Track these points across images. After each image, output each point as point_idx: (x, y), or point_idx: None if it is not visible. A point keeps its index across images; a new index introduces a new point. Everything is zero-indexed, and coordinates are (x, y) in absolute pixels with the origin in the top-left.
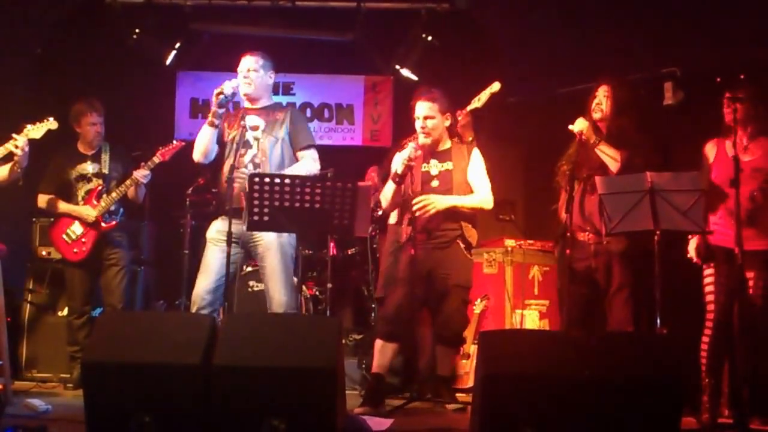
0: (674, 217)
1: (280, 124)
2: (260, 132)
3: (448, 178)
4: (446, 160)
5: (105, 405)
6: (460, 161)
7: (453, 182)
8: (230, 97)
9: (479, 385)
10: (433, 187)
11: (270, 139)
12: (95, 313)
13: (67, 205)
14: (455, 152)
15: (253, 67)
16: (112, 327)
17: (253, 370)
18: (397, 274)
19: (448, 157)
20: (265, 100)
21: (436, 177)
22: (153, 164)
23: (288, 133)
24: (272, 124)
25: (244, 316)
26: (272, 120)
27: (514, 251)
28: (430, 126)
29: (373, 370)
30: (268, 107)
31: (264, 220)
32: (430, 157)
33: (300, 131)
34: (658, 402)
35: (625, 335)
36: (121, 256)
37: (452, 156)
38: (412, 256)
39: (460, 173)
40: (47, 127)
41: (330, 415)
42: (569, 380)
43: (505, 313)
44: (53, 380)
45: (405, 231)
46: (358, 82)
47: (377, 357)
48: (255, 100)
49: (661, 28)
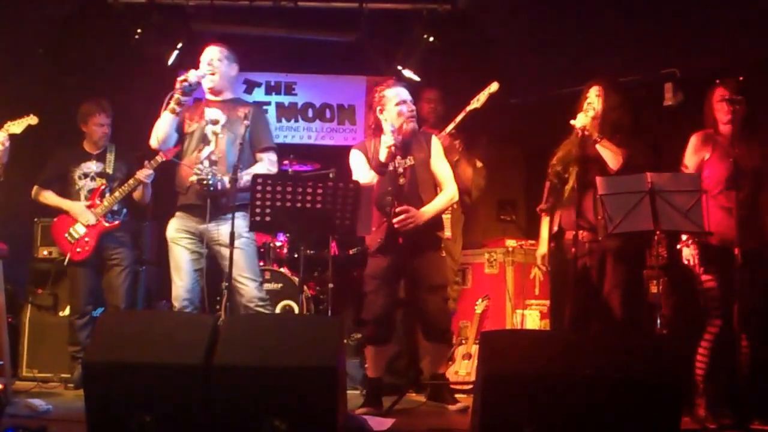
0: (674, 218)
1: (241, 121)
2: (219, 127)
3: (412, 175)
4: (408, 155)
5: (106, 405)
6: (420, 155)
7: (418, 180)
8: (195, 85)
9: (480, 384)
10: (400, 184)
11: (229, 135)
12: (96, 313)
13: (61, 200)
14: (415, 147)
15: (217, 57)
16: (114, 327)
17: (255, 370)
18: (376, 275)
19: (409, 151)
20: (228, 93)
21: (402, 175)
22: (156, 163)
23: (249, 133)
24: (233, 121)
25: (246, 317)
26: (233, 116)
27: (515, 251)
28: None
29: (370, 375)
30: (229, 101)
31: (265, 220)
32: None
33: (261, 131)
34: (659, 402)
35: (625, 335)
36: (124, 256)
37: (413, 151)
38: (388, 261)
39: (423, 167)
40: (27, 122)
41: (331, 415)
42: (570, 380)
43: (506, 313)
44: (54, 380)
45: (377, 235)
46: (359, 83)
47: (371, 362)
48: (218, 93)
49: (661, 29)
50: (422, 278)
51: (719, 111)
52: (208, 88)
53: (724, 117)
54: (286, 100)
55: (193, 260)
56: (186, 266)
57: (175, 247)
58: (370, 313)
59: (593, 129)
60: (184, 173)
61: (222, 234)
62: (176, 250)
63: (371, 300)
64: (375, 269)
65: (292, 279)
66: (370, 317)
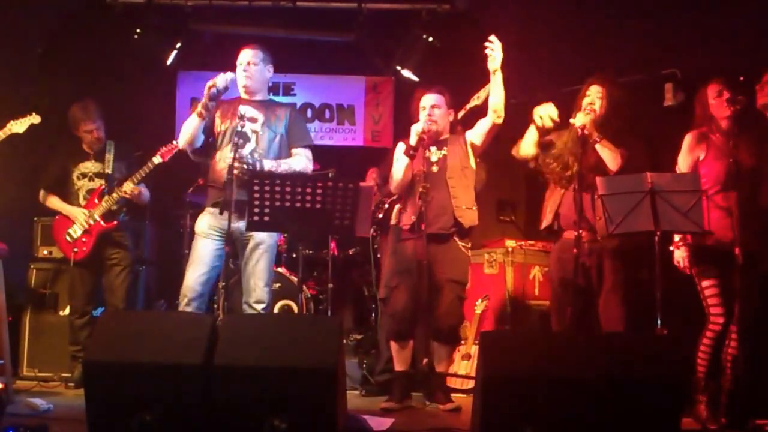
0: (675, 218)
1: (281, 120)
2: (259, 125)
3: (443, 162)
4: (443, 147)
5: (106, 404)
6: (455, 146)
7: (447, 167)
8: (222, 91)
9: (480, 385)
10: (433, 172)
11: (269, 133)
12: (97, 313)
13: (64, 205)
14: (451, 141)
15: (252, 60)
16: (114, 327)
17: (254, 370)
18: (400, 269)
19: (444, 144)
20: (263, 95)
21: (435, 163)
22: (153, 165)
23: (286, 130)
24: (272, 119)
25: (245, 317)
26: (272, 115)
27: (514, 252)
28: (437, 114)
29: (396, 369)
30: (265, 102)
31: (264, 220)
32: (431, 145)
33: (299, 129)
34: (659, 402)
35: (625, 335)
36: (124, 255)
37: (448, 144)
38: (413, 248)
39: (455, 157)
40: (30, 121)
41: (331, 415)
42: (570, 380)
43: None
44: (54, 379)
45: (408, 219)
46: (359, 83)
47: (397, 357)
48: (252, 93)
49: (662, 29)
50: (441, 270)
51: (717, 108)
52: (243, 86)
53: (723, 114)
54: (285, 100)
55: (216, 256)
56: (206, 259)
57: (202, 240)
58: (392, 309)
59: (593, 129)
60: (219, 169)
61: (256, 233)
62: (204, 243)
63: (394, 297)
64: (398, 264)
65: (291, 279)
66: (392, 313)
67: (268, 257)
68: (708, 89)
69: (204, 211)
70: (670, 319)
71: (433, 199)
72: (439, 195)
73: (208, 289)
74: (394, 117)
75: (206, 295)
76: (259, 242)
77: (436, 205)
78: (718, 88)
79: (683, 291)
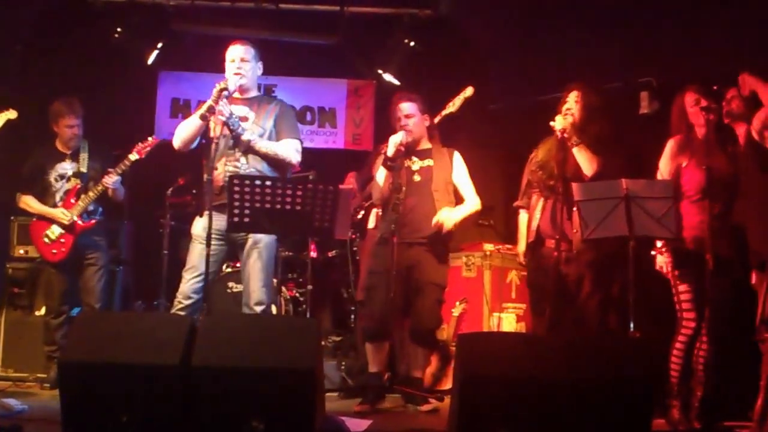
0: (648, 224)
1: (270, 115)
2: (250, 123)
3: (428, 173)
4: (426, 158)
5: (82, 405)
6: (441, 161)
7: (433, 178)
8: (232, 93)
9: (457, 386)
10: (415, 181)
11: (259, 130)
12: (73, 313)
13: (43, 207)
14: (435, 152)
15: (245, 56)
16: (90, 327)
17: (232, 370)
18: (377, 271)
19: (428, 155)
20: (253, 92)
21: (417, 172)
22: (129, 162)
23: (275, 123)
24: (261, 116)
25: (224, 317)
26: (261, 111)
27: (492, 255)
28: (412, 123)
29: (370, 370)
30: (255, 98)
31: (244, 221)
32: (412, 155)
33: (287, 122)
34: (631, 403)
35: (599, 339)
36: (100, 256)
37: (432, 155)
38: (392, 251)
39: (441, 171)
40: (6, 117)
41: (309, 416)
42: (545, 382)
43: (483, 316)
44: (30, 380)
45: (387, 227)
46: (340, 86)
47: (372, 358)
48: (245, 91)
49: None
50: (422, 272)
51: (695, 116)
52: (238, 85)
53: (701, 122)
54: None
55: (213, 261)
56: (203, 266)
57: (197, 245)
58: (368, 311)
59: (572, 132)
60: (215, 175)
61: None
62: (197, 247)
63: (371, 298)
64: (375, 266)
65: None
66: (368, 315)
67: (264, 255)
68: (685, 97)
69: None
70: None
71: (416, 207)
72: (424, 204)
73: (202, 295)
74: (375, 120)
75: (200, 301)
76: (256, 240)
77: (420, 213)
78: (695, 96)
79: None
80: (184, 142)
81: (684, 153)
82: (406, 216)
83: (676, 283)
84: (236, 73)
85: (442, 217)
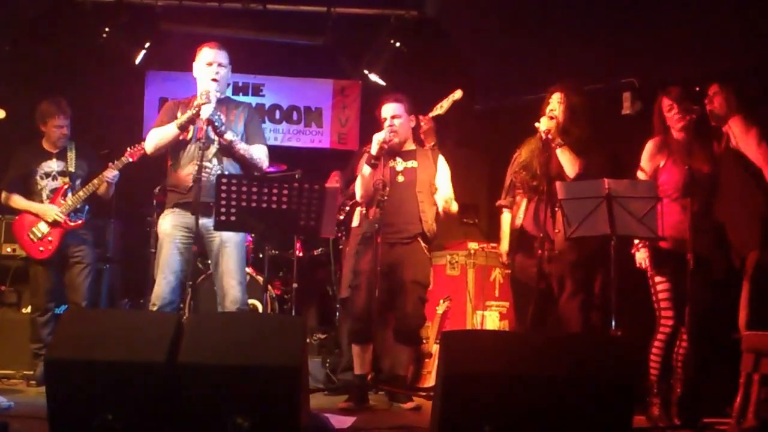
0: (630, 224)
1: (240, 119)
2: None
3: (412, 174)
4: (411, 159)
5: (68, 402)
6: (426, 162)
7: (417, 179)
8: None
9: (440, 384)
10: (398, 182)
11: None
12: (59, 311)
13: (31, 203)
14: (420, 154)
15: (222, 61)
16: (76, 324)
17: (218, 368)
18: (361, 270)
19: (412, 156)
20: (221, 94)
21: (401, 173)
22: (122, 164)
23: (245, 128)
24: (230, 118)
25: (209, 315)
26: (231, 114)
27: (476, 254)
28: (398, 125)
29: (356, 372)
30: (223, 100)
31: (231, 220)
32: (396, 156)
33: (257, 127)
34: (612, 401)
35: (581, 337)
36: (86, 253)
37: (417, 156)
38: (375, 250)
39: (425, 172)
40: None
41: (294, 414)
42: (528, 380)
43: (467, 313)
44: (16, 377)
45: (371, 226)
46: (327, 86)
47: (357, 360)
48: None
49: (620, 39)
50: (405, 272)
51: (671, 118)
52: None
53: (677, 124)
54: (254, 101)
55: (183, 260)
56: (175, 265)
57: (168, 244)
58: (352, 311)
59: (556, 133)
60: (183, 175)
61: (221, 232)
62: (169, 247)
63: (354, 297)
64: (358, 264)
65: (257, 278)
66: (353, 315)
67: (237, 254)
68: (663, 99)
69: (165, 212)
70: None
71: (400, 207)
72: (407, 204)
73: (178, 295)
74: (360, 120)
75: (177, 302)
76: (225, 240)
77: (404, 213)
78: (668, 102)
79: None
80: (159, 150)
81: (662, 153)
82: (389, 216)
83: (653, 281)
84: (213, 79)
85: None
